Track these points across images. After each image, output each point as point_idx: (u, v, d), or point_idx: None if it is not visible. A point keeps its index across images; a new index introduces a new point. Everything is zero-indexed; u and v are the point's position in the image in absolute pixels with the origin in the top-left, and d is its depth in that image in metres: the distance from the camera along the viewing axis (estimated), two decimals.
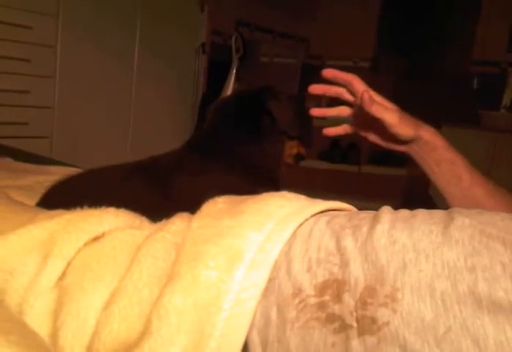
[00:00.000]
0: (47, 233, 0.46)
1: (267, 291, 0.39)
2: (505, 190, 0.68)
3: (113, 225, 0.48)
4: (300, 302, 0.38)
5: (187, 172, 0.73)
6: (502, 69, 3.22)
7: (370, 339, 0.34)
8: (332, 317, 0.36)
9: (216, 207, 0.47)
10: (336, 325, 0.36)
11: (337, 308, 0.36)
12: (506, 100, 3.17)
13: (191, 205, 0.49)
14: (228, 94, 2.47)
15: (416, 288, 0.35)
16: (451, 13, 3.30)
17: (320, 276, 0.38)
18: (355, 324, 0.35)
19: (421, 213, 0.42)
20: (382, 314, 0.34)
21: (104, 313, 0.40)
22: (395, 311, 0.34)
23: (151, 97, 2.45)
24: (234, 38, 2.73)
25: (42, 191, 0.72)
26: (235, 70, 2.64)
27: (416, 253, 0.37)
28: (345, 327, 0.35)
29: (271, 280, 0.39)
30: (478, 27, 3.24)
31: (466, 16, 3.29)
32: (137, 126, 2.40)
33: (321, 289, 0.38)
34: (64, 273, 0.44)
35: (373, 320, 0.35)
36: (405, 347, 0.33)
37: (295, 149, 0.84)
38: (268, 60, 3.38)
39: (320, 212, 0.46)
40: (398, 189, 3.09)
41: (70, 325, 0.40)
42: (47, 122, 2.00)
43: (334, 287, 0.37)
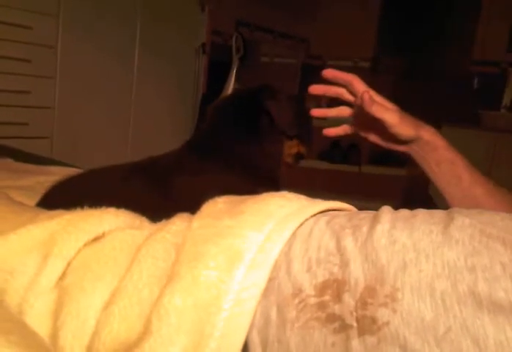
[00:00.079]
0: (47, 233, 0.46)
1: (267, 291, 0.39)
2: (505, 190, 0.68)
3: (113, 225, 0.48)
4: (300, 302, 0.38)
5: (187, 172, 0.73)
6: (502, 69, 3.22)
7: (370, 339, 0.34)
8: (332, 317, 0.36)
9: (216, 207, 0.47)
10: (336, 325, 0.36)
11: (337, 308, 0.36)
12: (506, 100, 3.17)
13: (191, 205, 0.49)
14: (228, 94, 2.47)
15: (416, 288, 0.35)
16: (451, 13, 3.30)
17: (320, 276, 0.38)
18: (355, 324, 0.35)
19: (421, 212, 0.42)
20: (382, 314, 0.34)
21: (104, 313, 0.40)
22: (395, 311, 0.34)
23: (151, 98, 2.45)
24: (234, 38, 2.73)
25: (43, 192, 0.72)
26: (235, 70, 2.64)
27: (416, 253, 0.37)
28: (345, 327, 0.35)
29: (271, 280, 0.39)
30: (478, 27, 3.24)
31: (466, 16, 3.29)
32: (137, 126, 2.40)
33: (321, 289, 0.38)
34: (64, 273, 0.44)
35: (373, 320, 0.35)
36: (405, 347, 0.33)
37: (294, 149, 0.84)
38: (269, 60, 3.38)
39: (320, 212, 0.46)
40: (398, 189, 3.09)
41: (70, 325, 0.40)
42: (47, 123, 2.00)
43: (334, 287, 0.37)
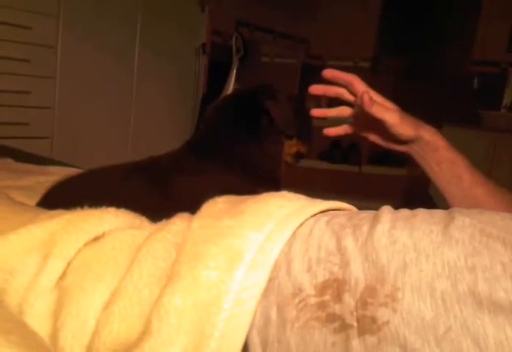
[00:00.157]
0: (47, 233, 0.46)
1: (267, 291, 0.39)
2: (505, 190, 0.67)
3: (113, 225, 0.48)
4: (300, 302, 0.38)
5: (187, 172, 0.73)
6: (502, 69, 3.22)
7: (370, 339, 0.34)
8: (332, 317, 0.36)
9: (216, 207, 0.47)
10: (336, 324, 0.36)
11: (337, 308, 0.36)
12: (506, 100, 3.17)
13: (191, 205, 0.49)
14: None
15: (416, 288, 0.35)
16: (451, 13, 3.30)
17: (321, 275, 0.38)
18: (355, 324, 0.35)
19: (421, 212, 0.42)
20: (382, 314, 0.34)
21: (104, 313, 0.40)
22: (395, 310, 0.34)
23: (151, 98, 2.45)
24: (234, 38, 2.73)
25: (43, 192, 0.72)
26: (235, 70, 2.64)
27: (416, 253, 0.37)
28: (345, 327, 0.35)
29: (271, 280, 0.39)
30: (478, 27, 3.23)
31: (466, 16, 3.29)
32: (137, 126, 2.40)
33: (321, 289, 0.38)
34: (64, 273, 0.44)
35: (373, 319, 0.35)
36: (405, 347, 0.33)
37: (294, 148, 0.84)
38: (269, 60, 3.38)
39: (320, 212, 0.46)
40: (398, 189, 3.09)
41: (70, 325, 0.40)
42: (47, 123, 2.00)
43: (334, 287, 0.37)
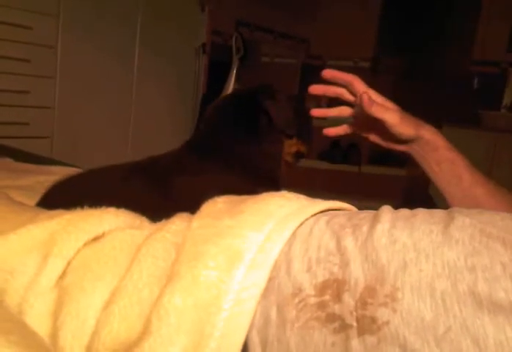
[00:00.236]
0: (47, 233, 0.46)
1: (267, 291, 0.39)
2: (505, 190, 0.67)
3: (113, 225, 0.48)
4: (300, 302, 0.38)
5: (187, 172, 0.73)
6: (502, 69, 3.22)
7: (370, 339, 0.34)
8: (332, 317, 0.36)
9: (216, 207, 0.47)
10: (336, 324, 0.36)
11: (337, 308, 0.36)
12: (506, 100, 3.17)
13: (191, 205, 0.49)
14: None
15: (416, 288, 0.35)
16: (451, 13, 3.30)
17: (320, 275, 0.38)
18: (355, 324, 0.35)
19: (421, 212, 0.42)
20: (382, 314, 0.34)
21: (104, 313, 0.40)
22: (394, 310, 0.34)
23: (151, 97, 2.45)
24: (234, 38, 2.73)
25: (43, 191, 0.72)
26: (235, 70, 2.64)
27: (416, 252, 0.37)
28: (345, 327, 0.35)
29: (270, 280, 0.39)
30: (478, 27, 3.24)
31: (466, 16, 3.29)
32: (137, 126, 2.40)
33: (321, 289, 0.38)
34: (64, 273, 0.44)
35: (373, 319, 0.35)
36: (405, 347, 0.33)
37: (294, 148, 0.84)
38: (269, 60, 3.38)
39: (320, 212, 0.46)
40: (398, 189, 3.10)
41: (69, 325, 0.40)
42: (47, 122, 2.00)
43: (334, 287, 0.37)
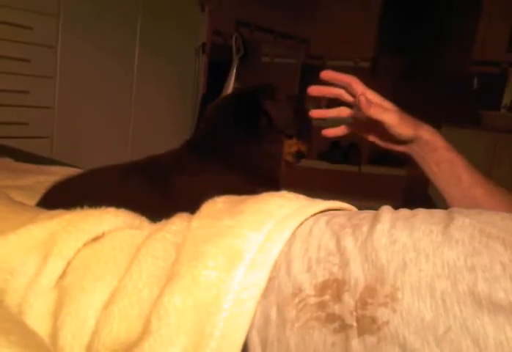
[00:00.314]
0: (47, 233, 0.46)
1: (267, 291, 0.39)
2: (505, 190, 0.67)
3: (113, 225, 0.48)
4: (300, 302, 0.38)
5: (187, 172, 0.73)
6: (502, 69, 3.22)
7: (370, 339, 0.34)
8: (332, 317, 0.36)
9: (216, 207, 0.47)
10: (336, 324, 0.36)
11: (336, 308, 0.36)
12: (506, 100, 3.17)
13: (191, 205, 0.49)
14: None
15: (416, 288, 0.35)
16: (451, 13, 3.29)
17: (320, 275, 0.38)
18: (355, 324, 0.35)
19: (421, 212, 0.42)
20: (382, 314, 0.34)
21: (104, 313, 0.40)
22: (394, 310, 0.34)
23: (151, 97, 2.45)
24: (234, 38, 2.73)
25: (43, 191, 0.72)
26: (235, 70, 2.64)
27: (416, 252, 0.37)
28: (344, 327, 0.35)
29: (270, 280, 0.39)
30: (478, 27, 3.23)
31: (466, 16, 3.29)
32: (137, 126, 2.40)
33: (321, 289, 0.38)
34: (64, 273, 0.44)
35: (373, 319, 0.35)
36: (405, 347, 0.33)
37: (294, 147, 0.84)
38: (269, 60, 3.38)
39: (320, 212, 0.46)
40: (398, 189, 3.10)
41: (69, 325, 0.40)
42: (47, 122, 2.00)
43: (334, 287, 0.37)
